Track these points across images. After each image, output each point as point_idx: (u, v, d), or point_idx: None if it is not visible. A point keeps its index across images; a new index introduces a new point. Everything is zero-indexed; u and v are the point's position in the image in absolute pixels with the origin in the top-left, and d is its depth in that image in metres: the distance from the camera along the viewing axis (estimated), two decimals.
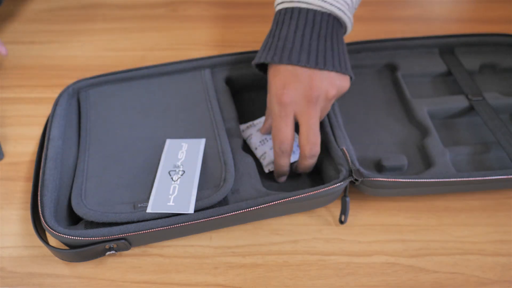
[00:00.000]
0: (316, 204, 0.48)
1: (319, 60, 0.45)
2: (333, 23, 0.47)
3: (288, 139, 0.46)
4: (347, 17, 0.47)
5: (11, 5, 0.75)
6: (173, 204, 0.43)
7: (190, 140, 0.50)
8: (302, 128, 0.45)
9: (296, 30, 0.46)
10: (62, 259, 0.44)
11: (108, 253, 0.43)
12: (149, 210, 0.43)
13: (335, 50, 0.46)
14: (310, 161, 0.47)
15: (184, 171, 0.46)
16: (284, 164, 0.48)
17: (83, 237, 0.41)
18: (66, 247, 0.43)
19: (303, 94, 0.45)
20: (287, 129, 0.46)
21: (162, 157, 0.48)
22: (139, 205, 0.44)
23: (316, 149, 0.46)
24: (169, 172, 0.46)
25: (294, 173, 0.51)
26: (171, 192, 0.44)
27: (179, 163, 0.47)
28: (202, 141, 0.49)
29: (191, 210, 0.43)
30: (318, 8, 0.46)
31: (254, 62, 0.49)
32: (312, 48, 0.45)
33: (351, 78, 0.48)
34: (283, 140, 0.46)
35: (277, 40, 0.47)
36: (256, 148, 0.53)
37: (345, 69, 0.46)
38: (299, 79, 0.45)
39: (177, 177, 0.46)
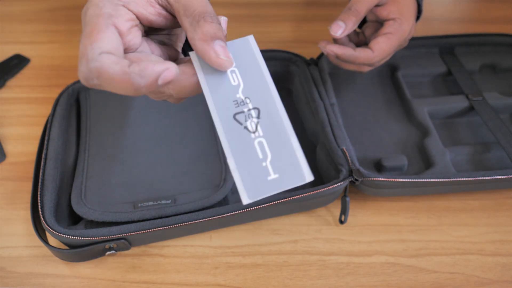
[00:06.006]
0: (316, 204, 0.48)
1: None
2: None
3: None
4: None
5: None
6: (277, 176, 0.29)
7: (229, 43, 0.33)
8: None
9: None
10: (62, 259, 0.44)
11: (108, 253, 0.43)
12: (246, 201, 0.28)
13: None
14: None
15: (257, 108, 0.30)
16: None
17: (83, 237, 0.41)
18: (66, 247, 0.43)
19: None
20: None
21: (207, 95, 0.31)
22: (139, 205, 0.44)
23: None
24: (234, 118, 0.30)
25: None
26: (261, 156, 0.29)
27: (240, 95, 0.31)
28: (250, 39, 0.33)
29: (308, 176, 0.29)
30: None
31: None
32: None
33: None
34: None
35: None
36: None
37: None
38: None
39: (253, 122, 0.30)
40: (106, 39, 0.29)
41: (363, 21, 0.54)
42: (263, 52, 0.58)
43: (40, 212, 0.43)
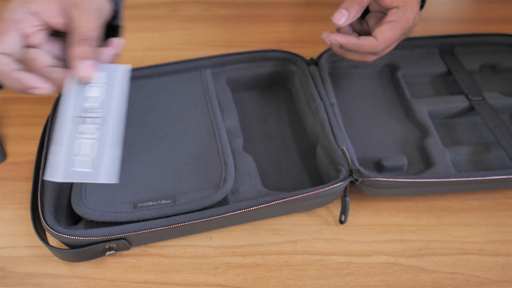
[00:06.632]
0: (316, 204, 0.48)
1: None
2: None
3: None
4: None
5: None
6: (80, 170, 0.37)
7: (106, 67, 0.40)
8: None
9: None
10: (62, 259, 0.44)
11: (108, 253, 0.43)
12: (46, 178, 0.37)
13: None
14: None
15: (104, 117, 0.38)
16: None
17: (83, 237, 0.41)
18: (66, 247, 0.43)
19: None
20: None
21: (65, 95, 0.38)
22: (139, 204, 0.44)
23: None
24: (76, 118, 0.38)
25: (293, 173, 0.51)
26: (76, 152, 0.37)
27: (94, 105, 0.39)
28: (123, 68, 0.41)
29: (104, 177, 0.36)
30: None
31: None
32: None
33: None
34: None
35: None
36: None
37: None
38: None
39: (94, 127, 0.38)
40: (7, 41, 0.36)
41: (366, 12, 0.53)
42: (263, 52, 0.59)
43: (40, 212, 0.43)
